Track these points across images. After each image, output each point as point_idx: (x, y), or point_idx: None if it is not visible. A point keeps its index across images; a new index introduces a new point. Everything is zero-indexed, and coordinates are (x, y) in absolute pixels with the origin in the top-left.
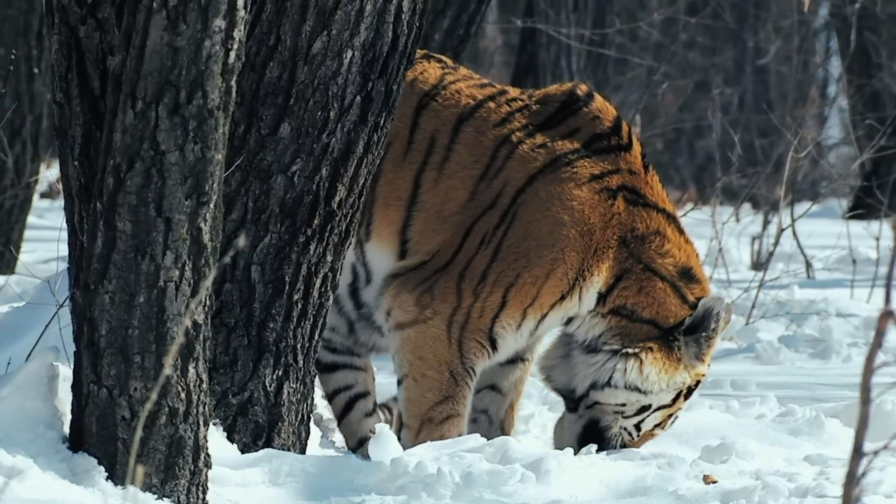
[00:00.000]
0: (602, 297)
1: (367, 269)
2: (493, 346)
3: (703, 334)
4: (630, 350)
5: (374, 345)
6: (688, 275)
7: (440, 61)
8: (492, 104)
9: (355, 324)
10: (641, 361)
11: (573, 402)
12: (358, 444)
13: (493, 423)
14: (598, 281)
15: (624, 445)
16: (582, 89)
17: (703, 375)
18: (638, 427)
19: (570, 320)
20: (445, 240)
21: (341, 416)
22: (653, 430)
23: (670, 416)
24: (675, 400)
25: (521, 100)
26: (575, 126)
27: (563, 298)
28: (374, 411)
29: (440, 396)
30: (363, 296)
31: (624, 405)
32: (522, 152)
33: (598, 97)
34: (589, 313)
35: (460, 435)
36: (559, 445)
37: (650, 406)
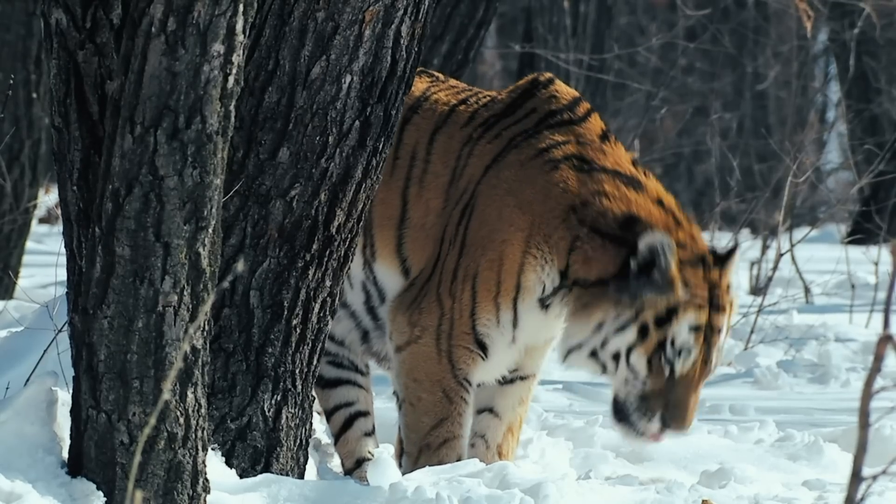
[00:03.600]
0: (564, 274)
1: (379, 288)
2: (482, 349)
3: (657, 273)
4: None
5: (385, 354)
6: (630, 221)
7: (430, 76)
8: (462, 107)
9: (371, 332)
10: (566, 313)
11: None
12: (355, 465)
13: (490, 447)
14: (551, 257)
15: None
16: (545, 76)
17: (678, 303)
18: (629, 362)
19: (547, 307)
20: (428, 253)
21: (339, 434)
22: (653, 367)
23: (661, 349)
24: (643, 334)
25: (490, 96)
26: (531, 108)
27: (522, 276)
28: (373, 432)
29: (435, 420)
30: (380, 313)
31: (591, 352)
32: (481, 146)
33: (559, 82)
34: (558, 293)
35: (459, 457)
36: None
37: (606, 341)
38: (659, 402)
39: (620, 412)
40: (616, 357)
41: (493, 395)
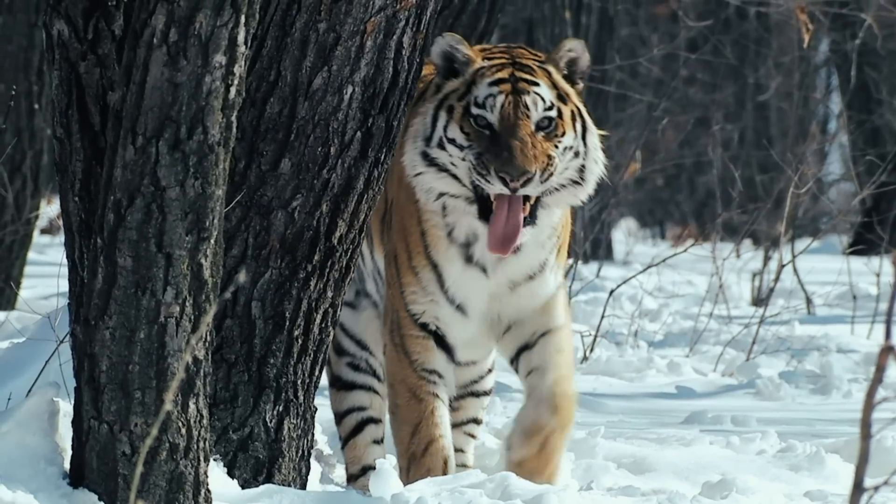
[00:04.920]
0: None
1: (382, 277)
2: (425, 329)
3: (457, 65)
4: None
5: None
6: None
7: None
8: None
9: None
10: None
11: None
12: (360, 472)
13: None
14: None
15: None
16: None
17: (475, 71)
18: (450, 140)
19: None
20: None
21: (348, 437)
22: (469, 131)
23: (468, 112)
24: (449, 111)
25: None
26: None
27: (422, 225)
28: (382, 440)
29: (412, 426)
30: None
31: (423, 155)
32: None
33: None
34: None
35: (445, 459)
36: None
37: (428, 136)
38: (490, 157)
39: (479, 208)
40: (441, 144)
41: (529, 359)
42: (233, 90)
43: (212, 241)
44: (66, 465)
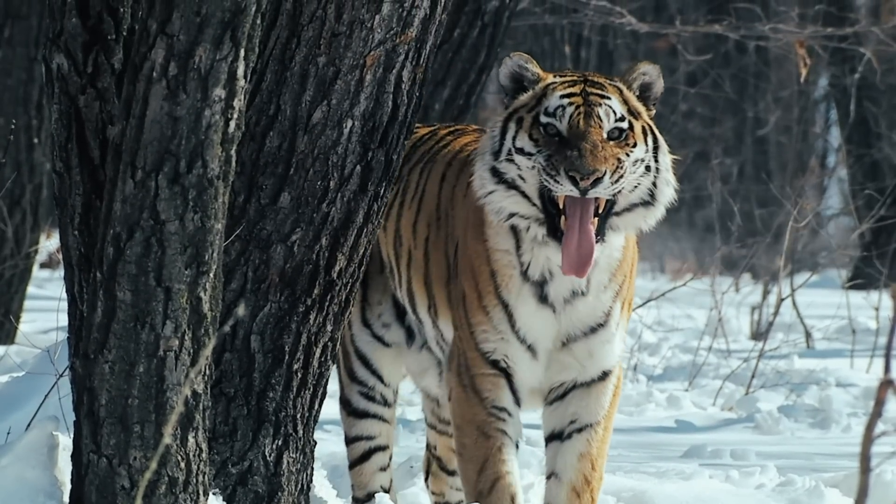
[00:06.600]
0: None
1: (445, 339)
2: (496, 366)
3: (526, 83)
4: None
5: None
6: None
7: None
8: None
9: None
10: None
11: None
12: (365, 497)
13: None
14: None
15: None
16: None
17: (546, 86)
18: (518, 150)
19: (542, 284)
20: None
21: (355, 463)
22: (538, 139)
23: (537, 121)
24: (519, 123)
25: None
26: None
27: (491, 264)
28: (388, 466)
29: (479, 464)
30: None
31: (492, 171)
32: (450, 178)
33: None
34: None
35: (513, 496)
36: None
37: (496, 150)
38: (559, 158)
39: (548, 225)
40: (510, 156)
41: (554, 456)
42: (232, 124)
43: (211, 275)
44: (66, 499)
